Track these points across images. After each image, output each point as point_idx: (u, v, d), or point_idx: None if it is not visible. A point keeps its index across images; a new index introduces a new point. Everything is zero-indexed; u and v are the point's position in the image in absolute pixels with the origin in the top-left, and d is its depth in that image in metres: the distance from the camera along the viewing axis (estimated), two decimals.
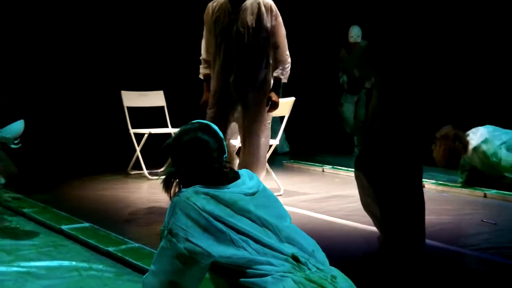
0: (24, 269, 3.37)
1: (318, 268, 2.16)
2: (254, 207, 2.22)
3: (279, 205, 2.36)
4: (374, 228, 4.01)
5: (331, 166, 7.16)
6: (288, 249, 2.17)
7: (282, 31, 4.73)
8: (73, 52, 9.08)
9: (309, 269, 2.13)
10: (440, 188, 5.85)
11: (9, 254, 3.64)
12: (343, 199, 5.44)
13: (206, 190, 2.20)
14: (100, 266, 3.42)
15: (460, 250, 3.87)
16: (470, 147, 5.58)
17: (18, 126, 4.18)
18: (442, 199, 5.43)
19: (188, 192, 2.21)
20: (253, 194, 2.27)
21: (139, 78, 8.35)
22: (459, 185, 5.89)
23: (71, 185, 6.02)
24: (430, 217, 3.63)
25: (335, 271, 2.22)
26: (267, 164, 5.70)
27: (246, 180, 2.32)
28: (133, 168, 6.68)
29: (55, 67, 9.02)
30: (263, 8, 4.63)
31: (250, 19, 4.61)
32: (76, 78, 9.16)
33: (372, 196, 3.56)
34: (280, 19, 4.71)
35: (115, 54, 9.15)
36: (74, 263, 3.48)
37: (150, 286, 2.22)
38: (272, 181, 5.68)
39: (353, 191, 5.76)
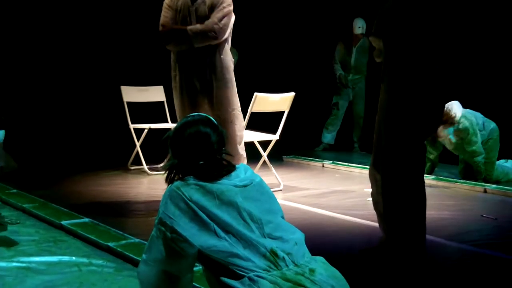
0: (24, 265, 3.37)
1: (296, 264, 2.16)
2: (242, 199, 2.23)
3: (273, 200, 2.36)
4: (373, 224, 4.00)
5: (331, 162, 7.15)
6: (268, 243, 2.17)
7: (221, 14, 4.64)
8: (73, 48, 9.08)
9: (287, 265, 2.14)
10: (440, 183, 5.86)
11: (9, 249, 3.64)
12: (343, 195, 5.44)
13: (196, 181, 2.23)
14: (100, 262, 3.42)
15: (460, 245, 3.87)
16: (456, 118, 5.79)
17: None
18: (442, 194, 5.43)
19: (179, 182, 2.25)
20: (244, 186, 2.28)
21: (139, 73, 8.35)
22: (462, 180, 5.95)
23: (71, 181, 6.02)
24: (430, 212, 3.63)
25: (316, 263, 2.21)
26: (267, 159, 5.71)
27: (241, 173, 2.33)
28: (133, 163, 6.68)
29: (55, 63, 9.02)
30: (214, 1, 4.65)
31: (205, 13, 4.63)
32: (76, 74, 9.15)
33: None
34: (226, 9, 4.65)
35: (115, 49, 9.14)
36: (74, 258, 3.48)
37: (144, 276, 2.26)
38: (272, 176, 5.68)
39: (353, 186, 5.79)
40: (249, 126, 5.46)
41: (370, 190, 3.75)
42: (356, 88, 8.41)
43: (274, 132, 5.69)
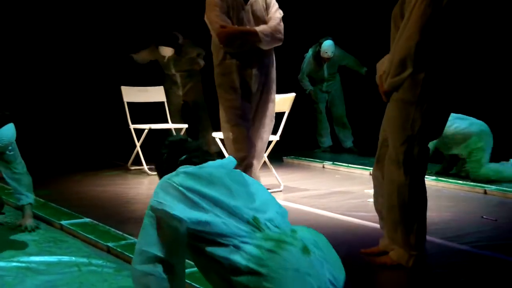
0: (24, 265, 3.37)
1: (277, 227, 2.24)
2: (230, 180, 2.32)
3: (256, 184, 2.44)
4: (374, 225, 4.00)
5: (332, 162, 7.15)
6: (252, 212, 2.25)
7: (279, 14, 4.72)
8: (74, 47, 9.08)
9: (269, 229, 2.21)
10: (441, 184, 5.85)
11: (8, 249, 3.64)
12: (343, 195, 5.44)
13: (184, 169, 2.34)
14: (100, 262, 3.42)
15: (460, 247, 3.87)
16: None
17: (7, 131, 3.86)
18: (442, 195, 5.43)
19: (169, 174, 2.35)
20: (230, 170, 2.42)
21: (139, 74, 8.34)
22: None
23: (71, 181, 6.02)
24: (430, 213, 3.62)
25: (299, 228, 2.30)
26: (267, 159, 5.70)
27: (225, 161, 2.50)
28: (133, 164, 6.68)
29: (56, 62, 9.02)
30: (268, 1, 4.69)
31: (261, 12, 4.62)
32: (77, 74, 9.15)
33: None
34: (279, 9, 4.72)
35: (115, 49, 9.14)
36: (74, 258, 3.48)
37: (137, 269, 2.27)
38: (272, 177, 5.68)
39: (353, 187, 5.79)
40: None
41: (371, 191, 3.75)
42: (332, 91, 8.45)
43: (274, 132, 5.69)
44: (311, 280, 2.08)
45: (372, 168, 3.75)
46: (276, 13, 4.68)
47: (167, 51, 7.20)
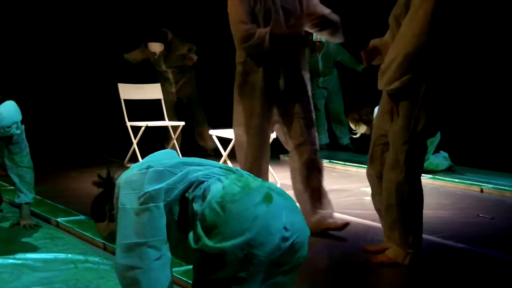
0: (20, 261, 3.37)
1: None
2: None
3: None
4: (371, 223, 4.01)
5: (328, 160, 7.15)
6: (219, 164, 2.32)
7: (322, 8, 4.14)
8: (71, 44, 9.06)
9: (242, 174, 2.27)
10: (437, 182, 5.86)
11: (5, 246, 3.64)
12: (340, 193, 5.43)
13: (134, 164, 2.34)
14: (96, 259, 3.42)
15: (456, 245, 3.87)
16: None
17: (9, 108, 3.69)
18: (438, 193, 5.43)
19: (121, 176, 2.27)
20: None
21: (136, 71, 8.34)
22: None
23: (68, 178, 6.01)
24: (426, 212, 3.62)
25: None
26: None
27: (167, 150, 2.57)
28: (130, 161, 6.66)
29: (52, 60, 9.00)
30: None
31: (294, 5, 4.03)
32: (74, 71, 9.14)
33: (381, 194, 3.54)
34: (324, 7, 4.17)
35: (112, 47, 9.13)
36: (70, 255, 3.48)
37: (121, 263, 2.16)
38: (269, 174, 5.66)
39: (350, 185, 5.79)
40: None
41: (367, 189, 3.75)
42: (329, 87, 8.45)
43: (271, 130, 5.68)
44: (267, 228, 2.05)
45: None
46: (323, 8, 4.10)
47: (156, 47, 7.15)
